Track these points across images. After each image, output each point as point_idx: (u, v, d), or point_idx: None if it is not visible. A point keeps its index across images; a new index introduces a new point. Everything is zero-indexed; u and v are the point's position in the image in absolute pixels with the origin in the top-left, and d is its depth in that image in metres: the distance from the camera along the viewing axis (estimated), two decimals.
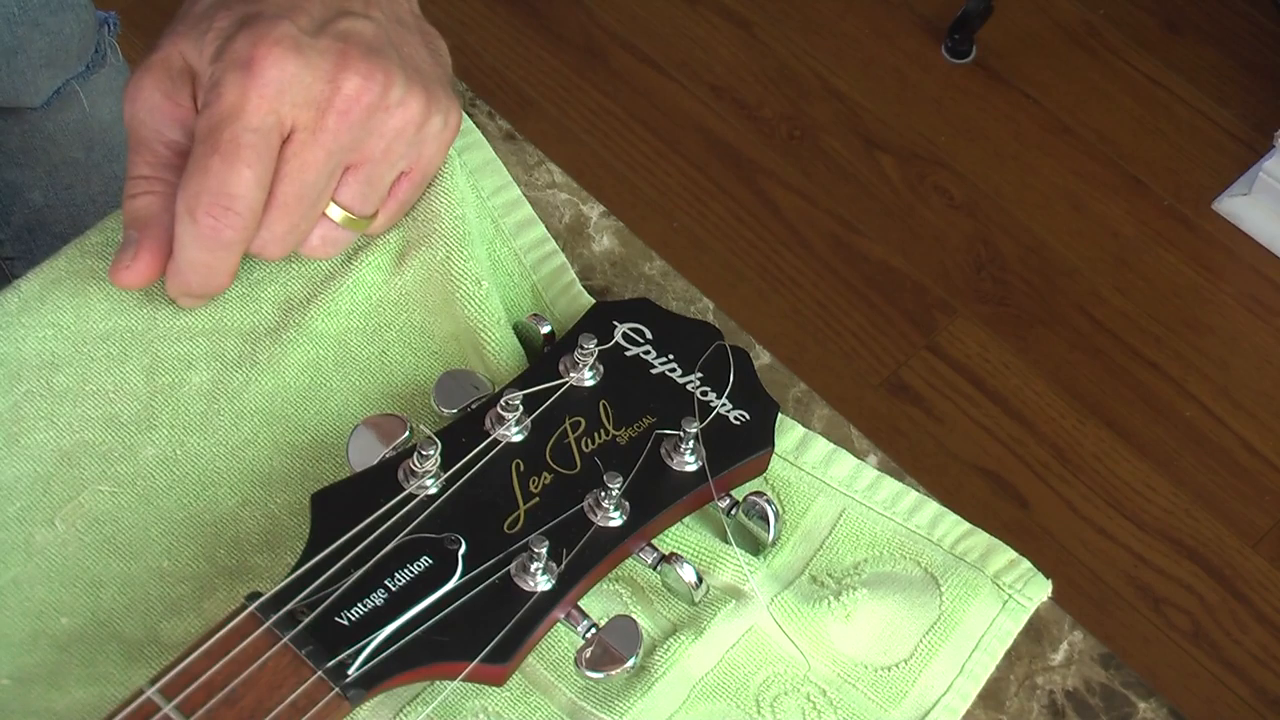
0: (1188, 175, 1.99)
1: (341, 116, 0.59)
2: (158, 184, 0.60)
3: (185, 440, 0.61)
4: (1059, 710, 0.62)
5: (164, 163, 0.61)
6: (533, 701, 0.58)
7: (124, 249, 0.61)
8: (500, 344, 0.63)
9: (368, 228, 0.63)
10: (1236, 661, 1.66)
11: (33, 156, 0.94)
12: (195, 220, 0.58)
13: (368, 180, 0.61)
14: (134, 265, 0.60)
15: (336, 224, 0.62)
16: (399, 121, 0.61)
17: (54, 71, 0.90)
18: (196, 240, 0.58)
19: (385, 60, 0.60)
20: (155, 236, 0.60)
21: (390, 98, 0.60)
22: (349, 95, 0.59)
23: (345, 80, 0.59)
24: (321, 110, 0.59)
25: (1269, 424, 1.81)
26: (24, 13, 0.86)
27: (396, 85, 0.60)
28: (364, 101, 0.59)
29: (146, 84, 0.60)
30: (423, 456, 0.57)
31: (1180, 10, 2.13)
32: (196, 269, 0.60)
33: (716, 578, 0.61)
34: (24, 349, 0.62)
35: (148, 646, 0.57)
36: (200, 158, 0.58)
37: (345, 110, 0.59)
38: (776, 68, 2.04)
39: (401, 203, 0.64)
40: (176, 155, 0.60)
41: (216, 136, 0.57)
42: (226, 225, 0.58)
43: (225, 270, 0.60)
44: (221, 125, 0.58)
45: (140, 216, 0.60)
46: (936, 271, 1.89)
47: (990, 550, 0.64)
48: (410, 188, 0.64)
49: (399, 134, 0.61)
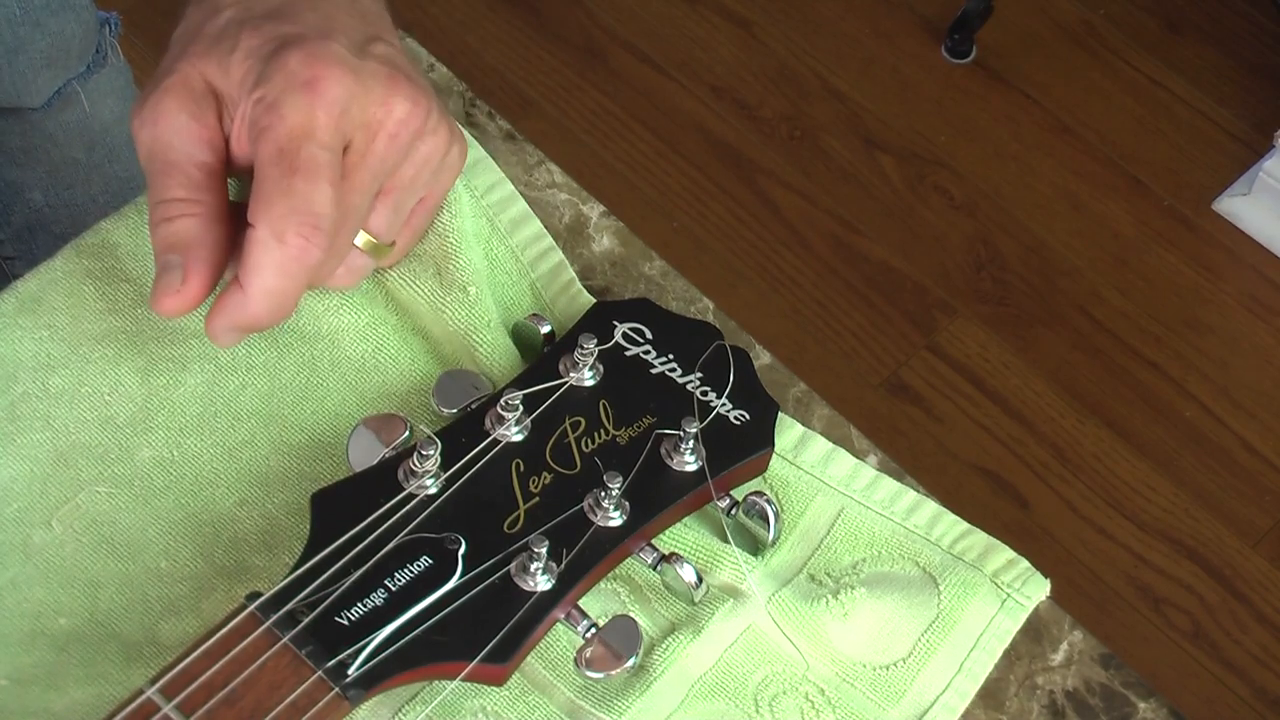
0: (1188, 175, 1.99)
1: (391, 140, 0.58)
2: (195, 206, 0.58)
3: (182, 441, 0.61)
4: (1059, 710, 0.62)
5: (197, 184, 0.58)
6: (531, 701, 0.58)
7: (166, 274, 0.58)
8: (493, 346, 0.63)
9: (387, 257, 0.62)
10: (1236, 661, 1.66)
11: (33, 156, 0.94)
12: (284, 243, 0.55)
13: (395, 206, 0.61)
14: (184, 290, 0.57)
15: (360, 250, 0.61)
16: (429, 149, 0.60)
17: (55, 72, 0.90)
18: (282, 265, 0.56)
19: (423, 87, 0.60)
20: (203, 259, 0.58)
21: (429, 124, 0.60)
22: (400, 119, 0.58)
23: (397, 104, 0.58)
24: (373, 133, 0.58)
25: (1269, 424, 1.81)
26: (25, 13, 0.86)
27: (433, 113, 0.60)
28: (412, 126, 0.59)
29: (169, 105, 0.58)
30: (423, 456, 0.57)
31: (1180, 10, 2.13)
32: (271, 297, 0.56)
33: (715, 577, 0.61)
34: (20, 350, 0.62)
35: (146, 647, 0.57)
36: (277, 179, 0.56)
37: (395, 134, 0.58)
38: (776, 68, 2.04)
39: (416, 230, 0.63)
40: (208, 177, 0.58)
41: (293, 157, 0.56)
42: (316, 245, 0.56)
43: (296, 297, 0.57)
44: (296, 145, 0.56)
45: (182, 240, 0.58)
46: (936, 271, 1.89)
47: (989, 550, 0.64)
48: (424, 215, 0.63)
49: (427, 161, 0.60)
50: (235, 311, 0.57)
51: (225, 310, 0.57)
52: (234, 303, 0.57)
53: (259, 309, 0.57)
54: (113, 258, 0.64)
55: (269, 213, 0.56)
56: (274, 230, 0.56)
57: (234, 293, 0.57)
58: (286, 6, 0.60)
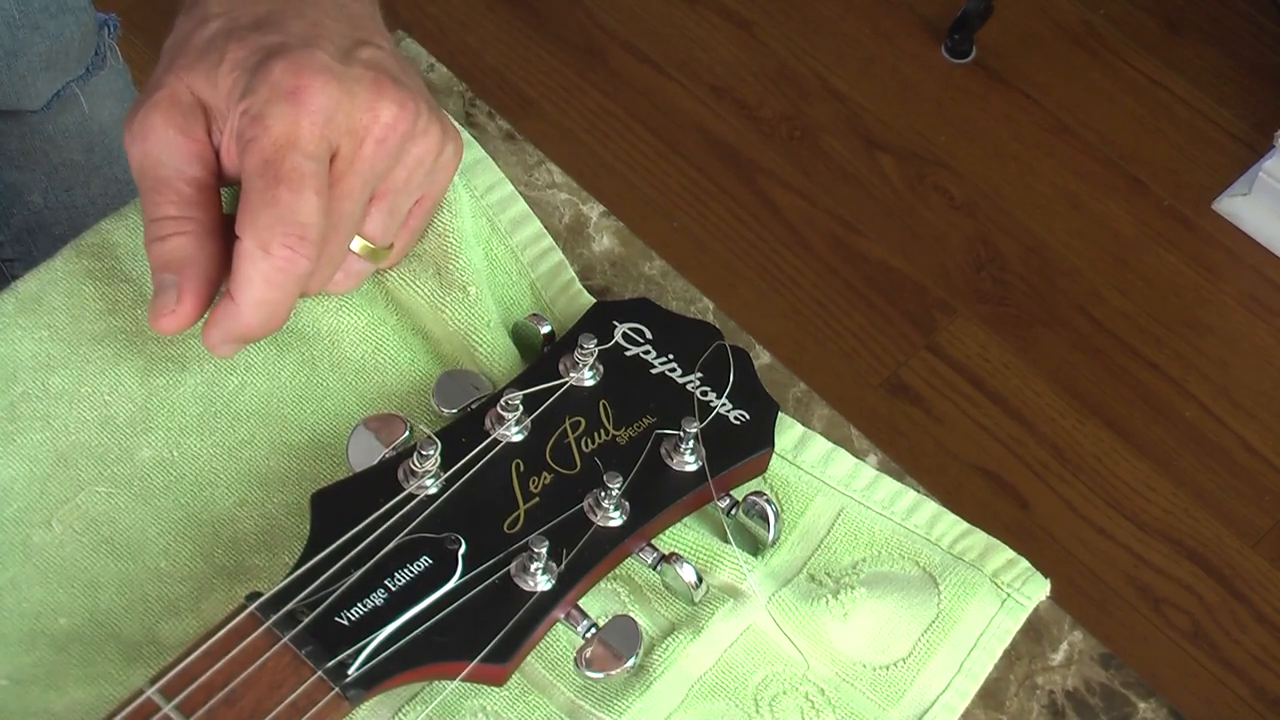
0: (1188, 175, 1.99)
1: (379, 145, 0.58)
2: (187, 224, 0.58)
3: (182, 441, 0.61)
4: (1059, 710, 0.62)
5: (188, 200, 0.58)
6: (531, 700, 0.57)
7: (162, 293, 0.58)
8: (492, 346, 0.63)
9: (385, 259, 0.62)
10: (1236, 662, 1.66)
11: (33, 159, 0.93)
12: (270, 254, 0.56)
13: (390, 210, 0.61)
14: (179, 309, 0.58)
15: (358, 255, 0.61)
16: (421, 150, 0.60)
17: (54, 74, 0.90)
18: (269, 276, 0.56)
19: (411, 89, 0.60)
20: (196, 276, 0.58)
21: (418, 126, 0.59)
22: (387, 123, 0.58)
23: (383, 108, 0.58)
24: (360, 139, 0.58)
25: (1269, 424, 1.81)
26: (24, 16, 0.86)
27: (423, 114, 0.60)
28: (400, 129, 0.59)
29: (157, 121, 0.58)
30: (423, 456, 0.57)
31: (1180, 10, 2.13)
32: (261, 308, 0.57)
33: (715, 577, 0.61)
34: (19, 350, 0.62)
35: (146, 647, 0.57)
36: (262, 190, 0.56)
37: (383, 138, 0.58)
38: (776, 68, 2.04)
39: (414, 231, 0.63)
40: (199, 191, 0.59)
41: (277, 168, 0.56)
42: (303, 255, 0.56)
43: (288, 307, 0.58)
44: (280, 156, 0.56)
45: (176, 258, 0.58)
46: (936, 271, 1.89)
47: (988, 549, 0.64)
48: (422, 216, 0.63)
49: (420, 163, 0.60)
50: (228, 323, 0.58)
51: (219, 322, 0.58)
52: (227, 315, 0.57)
53: (251, 320, 0.57)
54: (112, 258, 0.64)
55: (254, 224, 0.56)
56: (260, 241, 0.56)
57: (226, 305, 0.57)
58: (273, 15, 0.60)
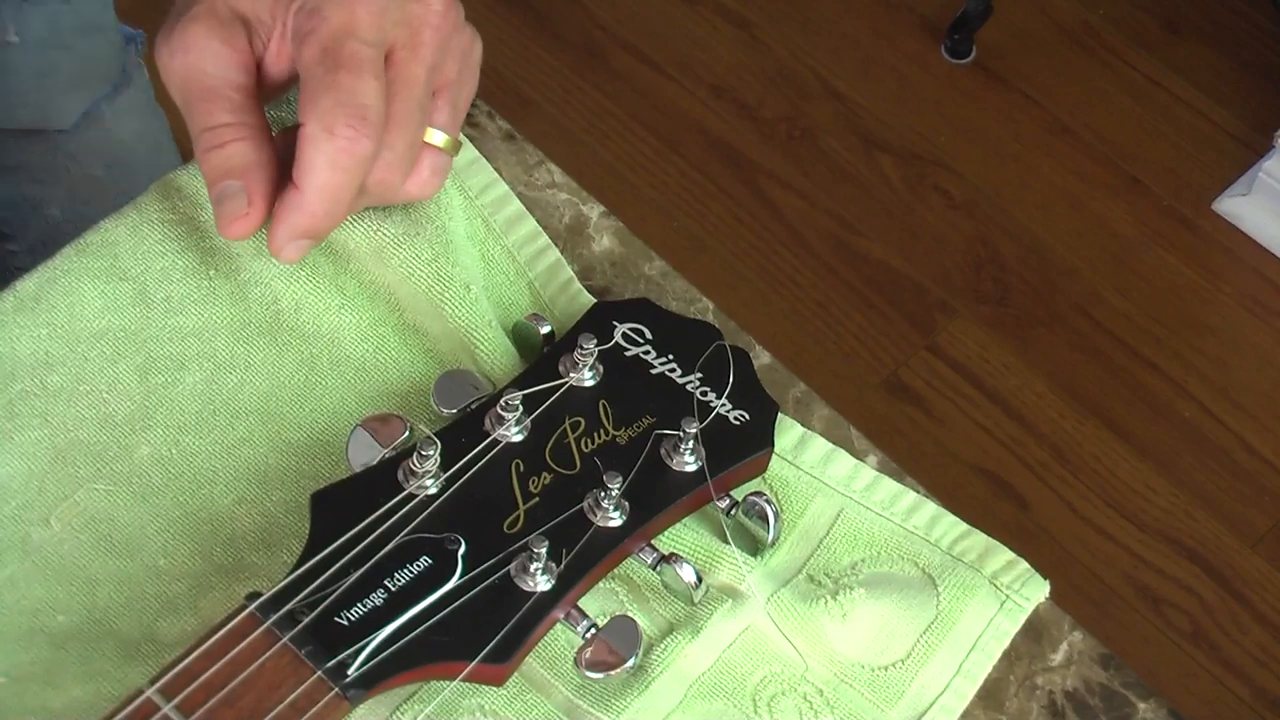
0: (1187, 175, 1.99)
1: (435, 33, 0.60)
2: (243, 129, 0.59)
3: (180, 439, 0.61)
4: (1059, 710, 0.62)
5: (239, 107, 0.59)
6: (530, 700, 0.57)
7: (229, 200, 0.59)
8: (492, 345, 0.63)
9: (458, 154, 0.63)
10: (1236, 662, 1.66)
11: (54, 174, 0.93)
12: (334, 135, 0.56)
13: (453, 103, 0.62)
14: (252, 211, 0.58)
15: (440, 149, 0.61)
16: (463, 43, 0.62)
17: (83, 94, 0.90)
18: (334, 158, 0.57)
19: None
20: (262, 179, 0.59)
21: (460, 20, 0.61)
22: (439, 12, 0.60)
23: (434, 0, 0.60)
24: (416, 29, 0.59)
25: (1269, 424, 1.81)
26: (54, 36, 0.86)
27: (460, 8, 0.61)
28: (451, 19, 0.60)
29: (199, 33, 0.59)
30: (422, 456, 0.56)
31: (1180, 10, 2.13)
32: (327, 193, 0.57)
33: (715, 577, 0.61)
34: (18, 348, 0.62)
35: (144, 645, 0.57)
36: (322, 76, 0.57)
37: (438, 27, 0.60)
38: (776, 68, 2.04)
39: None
40: (247, 99, 0.59)
41: (337, 54, 0.57)
42: (365, 135, 0.57)
43: (351, 194, 0.58)
44: (338, 44, 0.57)
45: (238, 164, 0.59)
46: (936, 272, 1.89)
47: (988, 551, 0.63)
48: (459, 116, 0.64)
49: (464, 56, 0.62)
50: (294, 216, 0.58)
51: (285, 218, 0.58)
52: (293, 208, 0.58)
53: (317, 207, 0.58)
54: (112, 256, 0.64)
55: (316, 109, 0.57)
56: (323, 124, 0.57)
57: (292, 197, 0.58)
58: None
